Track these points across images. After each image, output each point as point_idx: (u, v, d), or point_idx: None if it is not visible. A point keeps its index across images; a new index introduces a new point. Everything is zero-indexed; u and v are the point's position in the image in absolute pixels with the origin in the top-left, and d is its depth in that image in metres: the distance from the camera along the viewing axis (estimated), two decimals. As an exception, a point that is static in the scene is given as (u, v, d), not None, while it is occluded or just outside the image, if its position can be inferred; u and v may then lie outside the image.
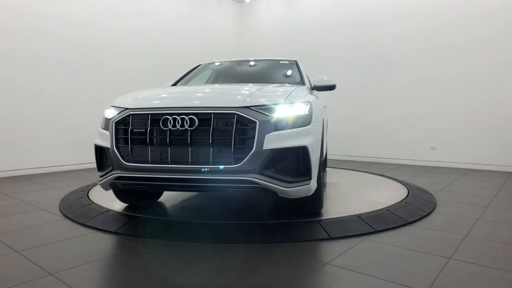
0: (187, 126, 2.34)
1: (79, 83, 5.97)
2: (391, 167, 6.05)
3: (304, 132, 2.43)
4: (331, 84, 3.49)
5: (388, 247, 2.33)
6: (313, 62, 6.74)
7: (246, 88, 2.79)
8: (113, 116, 2.61)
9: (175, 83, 4.09)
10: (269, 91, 2.73)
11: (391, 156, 6.82)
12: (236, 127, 2.30)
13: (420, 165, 6.37)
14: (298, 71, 3.79)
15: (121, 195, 3.18)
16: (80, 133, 5.86)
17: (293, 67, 3.90)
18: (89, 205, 3.27)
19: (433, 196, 3.77)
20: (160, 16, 7.31)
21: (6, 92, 5.22)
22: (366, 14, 7.07)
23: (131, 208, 3.22)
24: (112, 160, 2.53)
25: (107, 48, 6.39)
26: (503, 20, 5.65)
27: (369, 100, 7.04)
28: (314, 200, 2.75)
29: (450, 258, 2.14)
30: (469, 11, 5.94)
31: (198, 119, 2.34)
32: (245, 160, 2.26)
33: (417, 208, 3.19)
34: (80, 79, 6.00)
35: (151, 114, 2.44)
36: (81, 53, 6.02)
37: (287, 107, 2.46)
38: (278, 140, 2.32)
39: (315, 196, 2.68)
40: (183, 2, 7.81)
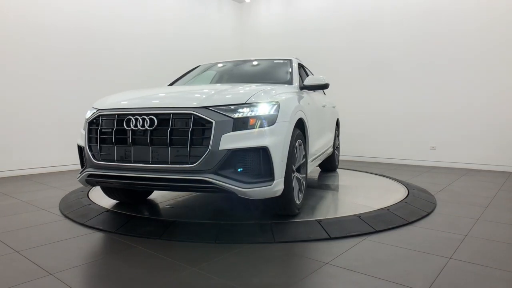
0: (147, 126, 2.40)
1: (79, 83, 5.97)
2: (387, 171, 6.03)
3: (267, 132, 2.40)
4: (323, 83, 3.45)
5: (388, 247, 2.33)
6: (313, 62, 6.71)
7: (209, 88, 2.80)
8: (88, 117, 2.74)
9: (172, 83, 4.15)
10: (233, 91, 2.72)
11: (391, 156, 6.82)
12: (193, 127, 2.33)
13: (420, 165, 6.37)
14: (290, 70, 3.70)
15: (109, 192, 3.27)
16: (80, 133, 5.85)
17: (286, 66, 3.83)
18: (89, 205, 3.27)
19: (433, 196, 3.77)
20: (160, 16, 7.31)
21: (6, 92, 5.21)
22: (367, 14, 7.07)
23: (131, 208, 3.22)
24: (86, 159, 2.68)
25: (108, 49, 6.38)
26: (504, 21, 5.64)
27: (369, 100, 7.04)
28: (284, 202, 2.67)
29: (450, 258, 2.14)
30: (469, 11, 5.94)
31: (158, 120, 2.40)
32: (201, 160, 2.28)
33: (417, 208, 3.19)
34: (81, 80, 5.99)
35: (117, 115, 2.54)
36: (82, 54, 6.02)
37: (249, 107, 2.42)
38: (236, 141, 2.31)
39: (284, 198, 2.62)
40: (183, 2, 7.81)
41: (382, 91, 6.89)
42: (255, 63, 4.16)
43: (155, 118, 2.40)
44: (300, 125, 3.01)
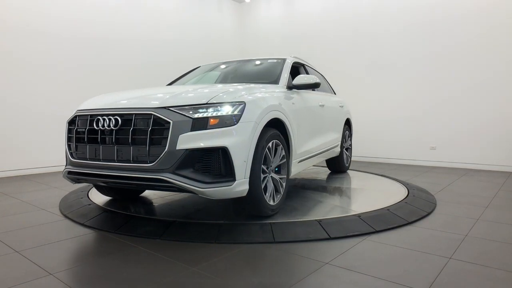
0: (112, 126, 2.49)
1: (80, 84, 5.97)
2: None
3: (227, 133, 2.39)
4: (312, 83, 3.41)
5: (388, 247, 2.33)
6: (313, 62, 6.71)
7: (176, 89, 2.81)
8: (69, 118, 2.91)
9: (171, 83, 4.18)
10: (196, 92, 2.72)
11: (391, 156, 6.82)
12: (152, 127, 2.37)
13: (420, 165, 6.37)
14: (279, 70, 3.65)
15: (100, 189, 3.43)
16: (80, 133, 5.85)
17: (276, 66, 3.77)
18: (89, 205, 3.27)
19: (433, 196, 3.77)
20: (160, 16, 7.31)
21: (6, 92, 5.22)
22: (367, 14, 7.07)
23: (131, 208, 3.23)
24: (66, 156, 2.86)
25: (107, 48, 6.38)
26: (504, 21, 5.64)
27: (369, 100, 7.04)
28: (253, 202, 2.66)
29: (450, 258, 2.14)
30: (470, 12, 5.94)
31: (122, 120, 2.49)
32: (158, 160, 2.32)
33: (417, 208, 3.19)
34: (81, 80, 6.00)
35: (90, 115, 2.67)
36: (82, 55, 6.02)
37: (210, 108, 2.43)
38: (194, 140, 2.32)
39: (252, 198, 2.62)
40: (183, 3, 7.81)
41: (382, 91, 6.89)
42: (249, 64, 4.12)
43: (120, 119, 2.49)
44: (279, 126, 2.99)
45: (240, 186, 2.44)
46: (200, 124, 2.36)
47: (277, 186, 2.96)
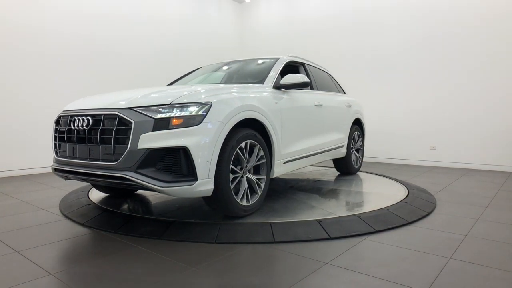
0: (85, 126, 2.62)
1: (80, 84, 5.97)
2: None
3: (189, 133, 2.41)
4: (300, 82, 3.38)
5: (388, 247, 2.33)
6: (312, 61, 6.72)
7: (146, 91, 2.83)
8: (55, 118, 3.04)
9: (172, 83, 4.20)
10: (163, 92, 2.73)
11: (391, 156, 6.82)
12: (117, 127, 2.46)
13: (420, 165, 6.38)
14: (268, 70, 3.61)
15: (96, 186, 3.61)
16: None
17: (268, 66, 3.73)
18: (89, 205, 3.27)
19: (433, 196, 3.77)
20: (160, 16, 7.31)
21: (6, 92, 5.22)
22: (367, 14, 7.08)
23: (131, 208, 3.23)
24: (53, 154, 3.02)
25: (107, 49, 6.38)
26: (504, 21, 5.65)
27: (369, 100, 7.03)
28: (220, 202, 2.67)
29: (450, 258, 2.14)
30: (471, 13, 5.94)
31: (93, 120, 2.61)
32: (121, 158, 2.39)
33: (417, 208, 3.19)
34: (81, 81, 6.00)
35: (70, 116, 2.80)
36: (82, 54, 6.02)
37: (173, 108, 2.46)
38: (155, 140, 2.37)
39: (220, 199, 2.62)
40: (183, 2, 7.81)
41: (382, 91, 6.89)
42: (243, 64, 4.09)
43: (91, 119, 2.61)
44: (257, 125, 2.98)
45: (203, 186, 2.47)
46: (162, 124, 2.40)
47: (254, 187, 2.95)
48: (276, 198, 3.52)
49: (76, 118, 2.70)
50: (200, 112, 2.50)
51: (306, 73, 4.22)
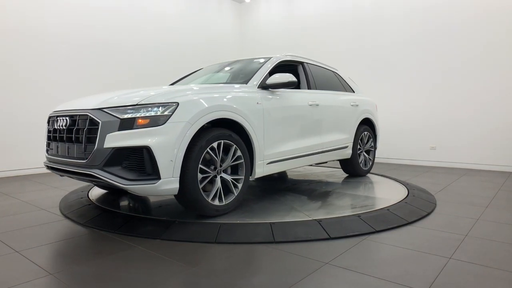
0: (64, 126, 2.78)
1: (80, 85, 5.97)
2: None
3: (152, 132, 2.47)
4: (286, 82, 3.35)
5: (388, 247, 2.33)
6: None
7: (120, 92, 2.90)
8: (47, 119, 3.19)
9: (173, 84, 4.22)
10: (131, 93, 2.76)
11: (391, 156, 6.82)
12: (88, 127, 2.59)
13: (420, 165, 6.38)
14: (255, 70, 3.58)
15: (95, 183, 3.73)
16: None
17: (258, 66, 3.68)
18: (89, 205, 3.27)
19: (433, 196, 3.77)
20: (160, 16, 7.31)
21: (6, 92, 5.22)
22: (367, 14, 7.07)
23: (131, 208, 3.23)
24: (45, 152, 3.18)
25: (107, 49, 6.39)
26: (504, 21, 5.65)
27: (369, 100, 7.04)
28: (188, 202, 2.70)
29: (450, 258, 2.14)
30: (470, 12, 5.94)
31: (70, 120, 2.76)
32: (90, 157, 2.53)
33: (417, 208, 3.19)
34: (81, 81, 6.00)
35: (56, 116, 2.96)
36: (82, 54, 6.02)
37: (139, 108, 2.53)
38: (120, 140, 2.46)
39: (187, 198, 2.66)
40: (183, 2, 7.81)
41: (382, 91, 6.89)
42: (242, 64, 4.04)
43: (69, 119, 2.76)
44: (234, 126, 2.99)
45: (167, 185, 2.51)
46: (128, 124, 2.49)
47: (230, 187, 2.94)
48: (265, 198, 3.52)
49: (59, 119, 2.86)
50: (166, 113, 2.55)
51: (304, 72, 4.16)
